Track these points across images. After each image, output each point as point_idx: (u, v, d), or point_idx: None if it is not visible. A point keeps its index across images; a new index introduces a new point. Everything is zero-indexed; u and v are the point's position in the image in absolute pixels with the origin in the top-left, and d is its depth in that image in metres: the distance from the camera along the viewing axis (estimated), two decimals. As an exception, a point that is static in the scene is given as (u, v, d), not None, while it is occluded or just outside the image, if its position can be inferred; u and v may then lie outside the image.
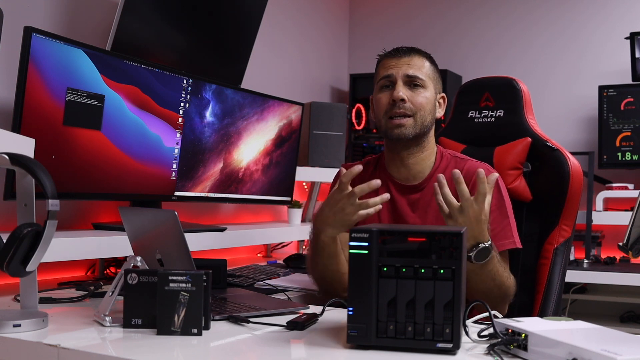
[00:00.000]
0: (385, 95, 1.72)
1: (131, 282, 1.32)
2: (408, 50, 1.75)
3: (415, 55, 1.74)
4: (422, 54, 1.76)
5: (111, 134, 2.01)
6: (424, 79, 1.72)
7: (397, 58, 1.73)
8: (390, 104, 1.70)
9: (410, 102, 1.69)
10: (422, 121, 1.71)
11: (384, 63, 1.76)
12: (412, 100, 1.70)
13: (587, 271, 2.99)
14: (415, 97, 1.70)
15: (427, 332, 1.16)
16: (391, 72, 1.72)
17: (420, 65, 1.73)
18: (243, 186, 2.62)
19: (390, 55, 1.76)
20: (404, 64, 1.72)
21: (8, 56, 1.88)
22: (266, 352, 1.24)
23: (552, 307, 1.87)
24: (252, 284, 2.00)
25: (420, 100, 1.71)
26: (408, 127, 1.69)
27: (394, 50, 1.76)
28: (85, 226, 2.22)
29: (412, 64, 1.72)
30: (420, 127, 1.71)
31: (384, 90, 1.73)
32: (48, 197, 1.27)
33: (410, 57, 1.74)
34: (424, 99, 1.71)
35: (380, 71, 1.76)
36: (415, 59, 1.73)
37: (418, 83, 1.71)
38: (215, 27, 2.63)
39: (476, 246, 1.50)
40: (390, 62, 1.74)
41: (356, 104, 3.88)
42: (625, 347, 1.04)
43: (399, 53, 1.74)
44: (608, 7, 3.69)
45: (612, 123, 3.40)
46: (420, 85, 1.71)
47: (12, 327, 1.27)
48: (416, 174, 1.76)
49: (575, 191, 1.91)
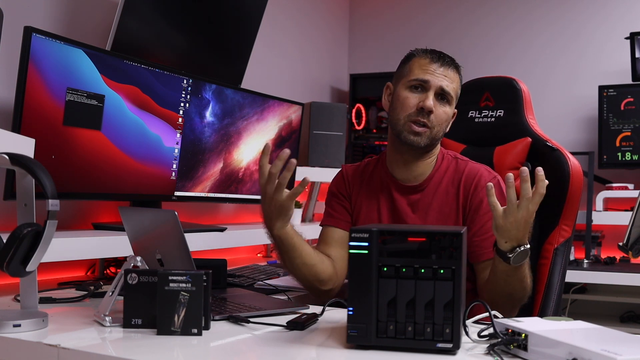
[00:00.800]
0: (414, 97, 1.69)
1: (131, 282, 1.32)
2: (450, 62, 1.71)
3: (453, 68, 1.71)
4: (458, 70, 1.73)
5: (111, 134, 2.01)
6: (453, 96, 1.71)
7: (439, 65, 1.69)
8: (418, 109, 1.67)
9: (435, 115, 1.68)
10: (437, 135, 1.71)
11: (422, 63, 1.70)
12: (436, 114, 1.68)
13: (587, 271, 2.99)
14: (439, 110, 1.69)
15: (427, 332, 1.16)
16: (429, 78, 1.68)
17: (454, 80, 1.71)
18: (243, 186, 2.62)
19: (432, 59, 1.70)
20: (442, 74, 1.69)
21: (8, 56, 1.88)
22: (266, 352, 1.24)
23: (552, 307, 1.87)
24: (252, 284, 1.99)
25: (442, 115, 1.70)
26: (424, 138, 1.69)
27: (437, 56, 1.71)
28: (85, 226, 2.22)
29: (449, 77, 1.70)
30: (433, 139, 1.71)
31: (414, 92, 1.69)
32: (48, 197, 1.27)
33: (450, 69, 1.70)
34: (445, 115, 1.71)
35: (415, 70, 1.70)
36: (452, 73, 1.70)
37: (447, 98, 1.70)
38: (215, 27, 2.63)
39: (518, 247, 1.46)
40: (431, 66, 1.69)
41: (356, 104, 3.88)
42: (625, 347, 1.04)
43: (441, 60, 1.70)
44: (608, 7, 3.69)
45: (612, 123, 3.40)
46: (447, 100, 1.70)
47: (12, 327, 1.27)
48: (418, 175, 1.76)
49: (575, 191, 1.91)
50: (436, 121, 1.69)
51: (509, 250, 1.46)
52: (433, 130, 1.69)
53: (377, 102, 3.90)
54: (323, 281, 1.68)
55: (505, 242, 1.46)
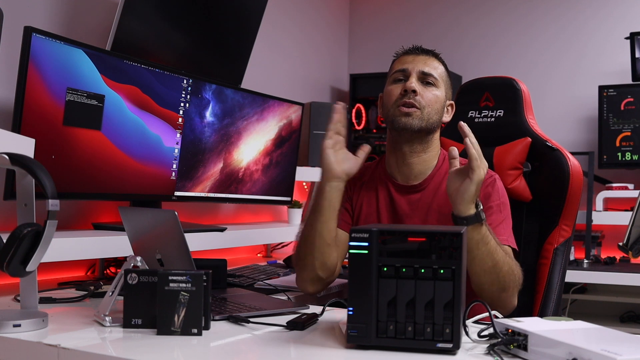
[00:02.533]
0: (397, 87, 1.73)
1: (131, 282, 1.32)
2: (427, 51, 1.78)
3: (432, 56, 1.77)
4: (439, 59, 1.79)
5: (111, 134, 2.01)
6: (437, 78, 1.74)
7: (415, 55, 1.76)
8: (402, 93, 1.71)
9: (421, 95, 1.71)
10: (429, 117, 1.71)
11: (400, 59, 1.79)
12: (422, 95, 1.71)
13: (587, 271, 2.99)
14: (426, 92, 1.72)
15: (427, 332, 1.16)
16: (406, 66, 1.74)
17: (435, 66, 1.76)
18: (243, 186, 2.62)
19: (407, 52, 1.79)
20: (421, 61, 1.74)
21: (8, 56, 1.88)
22: (266, 352, 1.24)
23: (552, 307, 1.87)
24: (252, 284, 2.00)
25: (430, 96, 1.72)
26: (415, 118, 1.69)
27: (412, 48, 1.79)
28: (85, 226, 2.22)
29: (429, 63, 1.75)
30: (427, 122, 1.70)
31: (397, 83, 1.74)
32: (48, 197, 1.27)
33: (428, 56, 1.76)
34: (434, 96, 1.73)
35: (395, 65, 1.78)
36: (431, 60, 1.76)
37: (431, 81, 1.73)
38: (215, 27, 2.63)
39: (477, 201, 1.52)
40: (407, 58, 1.76)
41: (356, 104, 3.88)
42: (625, 347, 1.04)
43: (417, 51, 1.78)
44: (608, 7, 3.69)
45: (612, 123, 3.40)
46: (432, 83, 1.73)
47: (12, 327, 1.27)
48: (417, 173, 1.76)
49: (575, 191, 1.91)
50: (425, 102, 1.71)
51: (476, 207, 1.51)
52: (423, 111, 1.70)
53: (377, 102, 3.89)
54: (324, 265, 1.65)
55: (470, 205, 1.51)
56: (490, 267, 1.53)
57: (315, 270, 1.66)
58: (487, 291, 1.56)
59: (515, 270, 1.59)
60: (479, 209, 1.51)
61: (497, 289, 1.56)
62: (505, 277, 1.56)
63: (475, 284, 1.57)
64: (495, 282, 1.55)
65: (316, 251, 1.65)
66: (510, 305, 1.60)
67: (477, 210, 1.51)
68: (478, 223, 1.51)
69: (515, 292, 1.61)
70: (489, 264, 1.53)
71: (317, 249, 1.65)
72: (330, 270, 1.67)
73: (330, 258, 1.66)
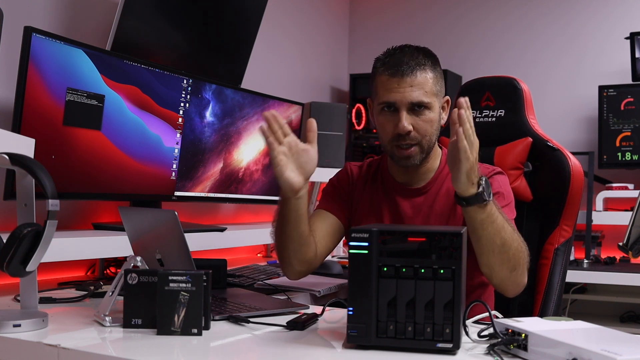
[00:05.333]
0: (388, 122, 1.64)
1: (131, 282, 1.32)
2: (410, 68, 1.60)
3: (418, 70, 1.61)
4: (425, 66, 1.63)
5: (111, 134, 2.01)
6: (428, 101, 1.61)
7: (399, 78, 1.60)
8: (396, 135, 1.63)
9: (416, 130, 1.63)
10: (429, 145, 1.66)
11: (384, 83, 1.63)
12: (417, 129, 1.63)
13: (587, 271, 2.99)
14: (420, 123, 1.63)
15: (427, 332, 1.16)
16: (393, 99, 1.61)
17: (423, 84, 1.61)
18: (243, 186, 2.62)
19: (390, 75, 1.62)
20: (407, 86, 1.60)
21: (8, 56, 1.88)
22: (266, 352, 1.24)
23: (552, 307, 1.87)
24: (252, 284, 1.99)
25: (425, 126, 1.63)
26: (415, 156, 1.65)
27: (394, 68, 1.61)
28: (85, 226, 2.22)
29: (415, 84, 1.60)
30: (427, 151, 1.67)
31: (386, 114, 1.65)
32: (48, 197, 1.27)
33: (412, 76, 1.60)
34: (429, 123, 1.64)
35: (379, 91, 1.64)
36: (418, 77, 1.60)
37: (424, 106, 1.62)
38: (215, 27, 2.63)
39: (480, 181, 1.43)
40: (391, 84, 1.61)
41: (356, 104, 3.88)
42: (625, 347, 1.04)
43: (400, 74, 1.60)
44: (608, 7, 3.69)
45: (612, 123, 3.40)
46: (425, 107, 1.63)
47: (12, 327, 1.27)
48: (420, 177, 1.73)
49: (575, 191, 1.91)
50: (421, 134, 1.63)
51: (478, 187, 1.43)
52: (422, 142, 1.64)
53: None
54: (302, 260, 1.63)
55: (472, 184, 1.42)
56: (499, 247, 1.47)
57: (294, 266, 1.64)
58: (497, 272, 1.50)
59: (523, 247, 1.53)
60: (480, 189, 1.43)
61: (507, 268, 1.50)
62: (515, 255, 1.49)
63: (484, 265, 1.51)
64: (505, 262, 1.49)
65: (291, 252, 1.62)
66: (521, 283, 1.54)
67: (478, 191, 1.43)
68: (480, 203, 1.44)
69: (525, 269, 1.54)
70: (498, 242, 1.47)
71: (291, 250, 1.61)
72: (310, 262, 1.65)
73: (308, 253, 1.63)
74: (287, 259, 1.64)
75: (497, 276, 1.51)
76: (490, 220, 1.46)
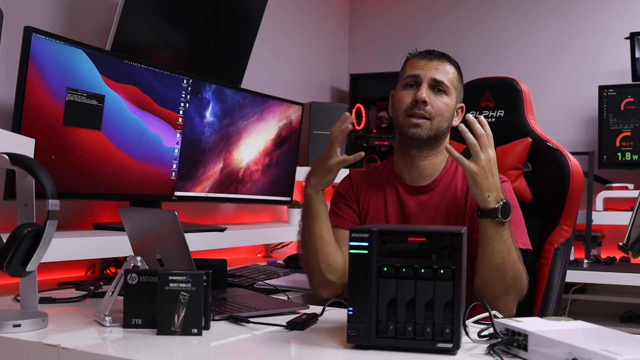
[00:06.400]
0: (408, 94, 1.72)
1: (131, 282, 1.32)
2: (439, 55, 1.75)
3: (445, 61, 1.75)
4: (452, 62, 1.77)
5: (111, 134, 2.01)
6: (448, 85, 1.72)
7: (428, 60, 1.74)
8: (412, 103, 1.70)
9: (431, 105, 1.70)
10: (438, 126, 1.71)
11: (412, 62, 1.76)
12: (432, 104, 1.70)
13: (587, 271, 2.99)
14: (436, 101, 1.71)
15: (427, 332, 1.16)
16: (419, 72, 1.72)
17: (447, 72, 1.73)
18: (243, 186, 2.62)
19: (421, 56, 1.76)
20: (433, 67, 1.72)
21: (8, 56, 1.88)
22: (266, 352, 1.24)
23: (552, 307, 1.87)
24: (252, 284, 1.99)
25: (441, 105, 1.71)
26: (424, 129, 1.70)
27: (425, 52, 1.76)
28: (85, 226, 2.22)
29: (441, 69, 1.72)
30: (436, 131, 1.71)
31: (408, 89, 1.73)
32: (48, 197, 1.27)
33: (440, 61, 1.74)
34: (445, 105, 1.72)
35: (407, 69, 1.76)
36: (444, 65, 1.74)
37: (442, 89, 1.72)
38: (215, 27, 2.63)
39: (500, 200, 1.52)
40: (420, 62, 1.74)
41: (356, 104, 3.88)
42: (625, 347, 1.04)
43: (430, 55, 1.75)
44: (608, 7, 3.68)
45: (612, 123, 3.40)
46: (443, 91, 1.72)
47: (12, 327, 1.27)
48: (427, 175, 1.76)
49: (575, 191, 1.91)
50: (435, 111, 1.70)
51: (494, 204, 1.51)
52: (433, 121, 1.70)
53: (377, 102, 3.90)
54: (331, 267, 1.65)
55: (488, 196, 1.51)
56: (497, 265, 1.53)
57: (324, 274, 1.66)
58: (489, 289, 1.55)
59: (522, 278, 1.59)
60: (498, 206, 1.51)
61: (500, 289, 1.55)
62: (511, 281, 1.56)
63: (479, 279, 1.57)
64: (499, 282, 1.55)
65: (319, 254, 1.65)
66: (509, 311, 1.59)
67: (494, 207, 1.51)
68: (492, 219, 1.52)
69: (517, 299, 1.61)
70: (497, 261, 1.53)
71: (319, 251, 1.65)
72: (338, 272, 1.67)
73: (336, 259, 1.66)
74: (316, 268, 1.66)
75: (488, 294, 1.56)
76: (498, 239, 1.53)
